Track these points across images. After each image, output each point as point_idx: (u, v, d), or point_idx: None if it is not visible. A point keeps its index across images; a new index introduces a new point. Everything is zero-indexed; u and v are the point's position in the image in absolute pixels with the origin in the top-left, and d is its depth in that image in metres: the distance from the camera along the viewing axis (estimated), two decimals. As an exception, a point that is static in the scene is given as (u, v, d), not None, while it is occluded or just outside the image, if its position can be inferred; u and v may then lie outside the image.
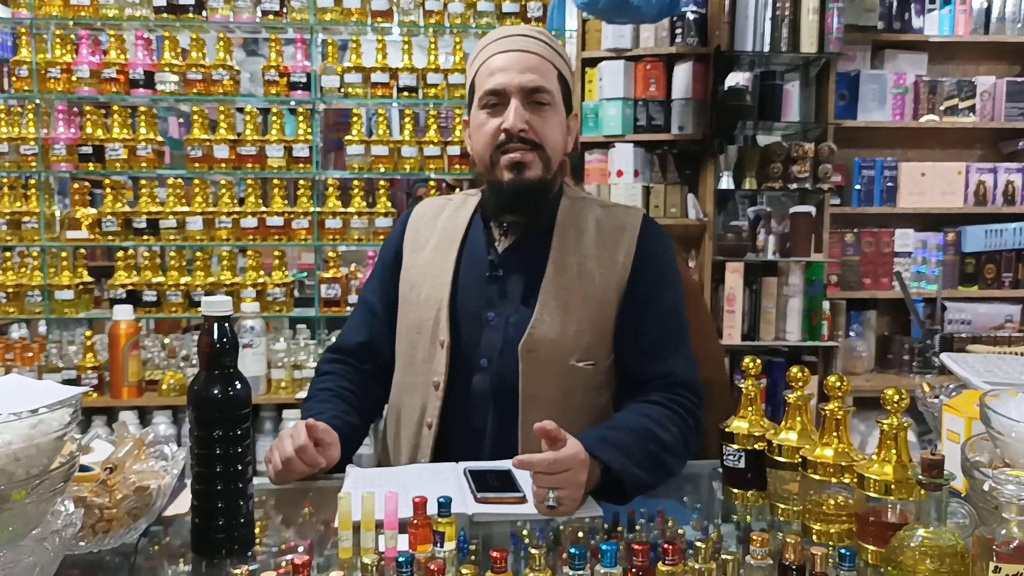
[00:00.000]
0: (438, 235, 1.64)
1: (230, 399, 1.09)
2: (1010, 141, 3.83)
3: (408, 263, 1.64)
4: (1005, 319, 3.75)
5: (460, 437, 1.53)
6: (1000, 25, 3.73)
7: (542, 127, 1.51)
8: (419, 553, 1.04)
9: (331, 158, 4.17)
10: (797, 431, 1.24)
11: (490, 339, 1.54)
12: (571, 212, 1.60)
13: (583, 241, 1.56)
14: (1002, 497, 0.86)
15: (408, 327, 1.61)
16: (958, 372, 1.48)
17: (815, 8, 3.30)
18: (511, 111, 1.48)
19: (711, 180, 3.43)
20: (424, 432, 1.55)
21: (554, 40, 1.58)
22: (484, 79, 1.52)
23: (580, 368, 1.51)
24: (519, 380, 1.49)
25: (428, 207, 1.71)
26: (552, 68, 1.53)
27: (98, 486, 1.07)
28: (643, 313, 1.53)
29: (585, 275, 1.54)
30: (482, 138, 1.53)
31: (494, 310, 1.55)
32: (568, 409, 1.47)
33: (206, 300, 1.10)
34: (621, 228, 1.58)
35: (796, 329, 3.45)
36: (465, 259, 1.59)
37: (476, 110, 1.55)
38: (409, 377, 1.60)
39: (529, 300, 1.53)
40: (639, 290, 1.54)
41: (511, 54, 1.51)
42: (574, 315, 1.51)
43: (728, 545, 1.17)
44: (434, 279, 1.58)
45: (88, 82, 3.17)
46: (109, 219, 3.19)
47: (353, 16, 3.25)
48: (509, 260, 1.57)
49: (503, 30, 1.58)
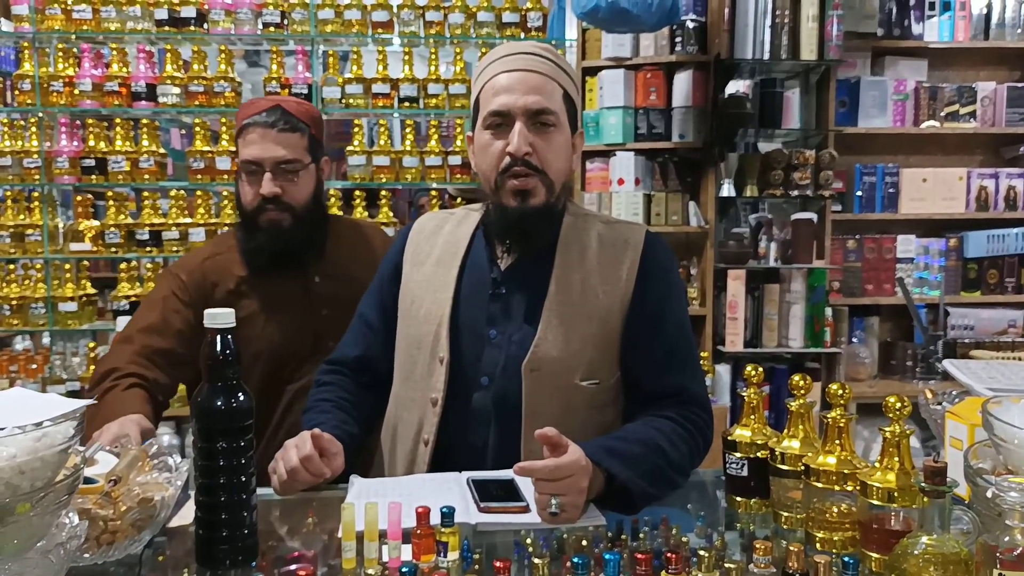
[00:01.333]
0: (439, 250, 1.62)
1: (233, 411, 1.09)
2: (1011, 146, 3.83)
3: (408, 277, 1.63)
4: (1008, 324, 3.74)
5: (458, 454, 1.50)
6: (1000, 31, 3.74)
7: (546, 151, 1.49)
8: (422, 563, 1.04)
9: (333, 168, 4.18)
10: (800, 439, 1.24)
11: (492, 357, 1.52)
12: (574, 229, 1.59)
13: (586, 258, 1.55)
14: (1005, 504, 0.86)
15: (407, 342, 1.59)
16: (961, 379, 1.48)
17: (815, 15, 3.31)
18: (515, 134, 1.47)
19: (712, 188, 3.43)
20: (421, 448, 1.53)
21: (560, 57, 1.56)
22: (488, 98, 1.50)
23: (584, 387, 1.50)
24: (522, 399, 1.48)
25: (429, 221, 1.70)
26: (557, 87, 1.52)
27: (102, 498, 1.07)
28: (653, 328, 1.52)
29: (588, 292, 1.52)
30: (487, 159, 1.52)
31: (496, 328, 1.53)
32: (571, 428, 1.45)
33: (209, 312, 1.10)
34: (624, 244, 1.57)
35: (799, 336, 3.44)
36: (467, 275, 1.58)
37: (480, 129, 1.53)
38: (407, 392, 1.58)
39: (532, 318, 1.51)
40: (646, 305, 1.53)
41: (516, 74, 1.49)
42: (578, 333, 1.50)
43: (732, 553, 1.17)
44: (434, 294, 1.57)
45: (90, 95, 3.19)
46: (112, 231, 3.20)
47: (354, 27, 3.26)
48: (512, 278, 1.56)
49: (508, 47, 1.56)
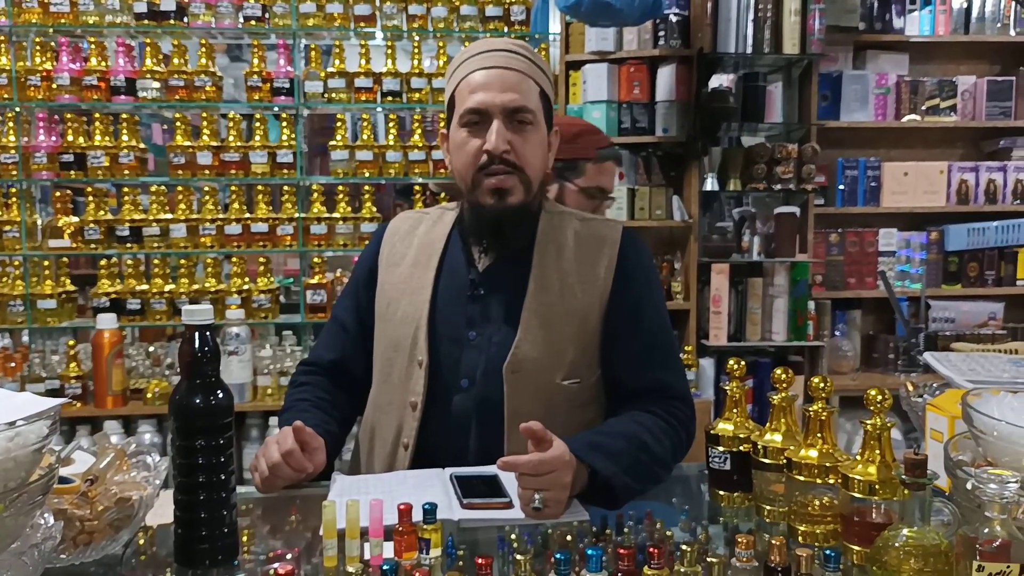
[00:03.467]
0: (415, 251, 1.60)
1: (212, 408, 1.08)
2: (991, 140, 3.86)
3: (384, 279, 1.61)
4: (988, 316, 3.77)
5: (438, 458, 1.49)
6: (980, 25, 3.76)
7: (524, 148, 1.48)
8: (405, 560, 1.04)
9: (316, 163, 4.16)
10: (782, 432, 1.24)
11: (471, 359, 1.51)
12: (551, 227, 1.58)
13: (563, 257, 1.54)
14: (984, 496, 0.86)
15: (385, 345, 1.58)
16: (941, 371, 1.49)
17: (797, 9, 3.32)
18: (493, 132, 1.45)
19: (696, 182, 3.44)
20: (400, 452, 1.52)
21: (536, 55, 1.54)
22: (464, 96, 1.48)
23: (565, 386, 1.50)
24: (504, 401, 1.47)
25: (403, 221, 1.68)
26: (534, 85, 1.50)
27: (78, 498, 1.06)
28: (632, 325, 1.52)
29: (567, 291, 1.52)
30: (463, 158, 1.50)
31: (475, 330, 1.52)
32: (554, 427, 1.45)
33: (187, 309, 1.09)
34: (601, 241, 1.56)
35: (782, 329, 3.46)
36: (444, 277, 1.56)
37: (456, 127, 1.51)
38: (385, 396, 1.57)
39: (512, 319, 1.50)
40: (624, 302, 1.53)
41: (492, 71, 1.47)
42: (557, 333, 1.50)
43: (716, 547, 1.17)
44: (411, 296, 1.56)
45: (69, 89, 3.15)
46: (92, 227, 3.17)
47: (336, 21, 3.24)
48: (490, 279, 1.55)
49: (483, 43, 1.54)
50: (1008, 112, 3.77)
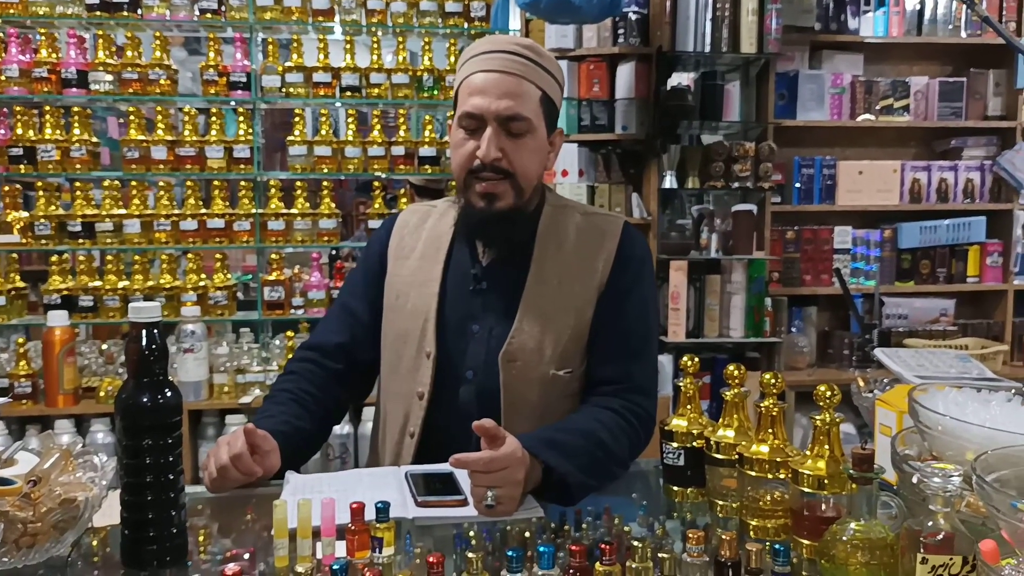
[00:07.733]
0: (423, 244, 1.63)
1: (159, 407, 1.06)
2: (943, 140, 3.94)
3: (393, 271, 1.64)
4: (940, 313, 3.85)
5: (444, 447, 1.47)
6: (932, 27, 3.83)
7: (516, 155, 1.49)
8: (357, 560, 1.03)
9: (274, 159, 4.11)
10: (734, 428, 1.26)
11: (475, 351, 1.54)
12: (552, 220, 1.60)
13: (563, 249, 1.57)
14: (928, 490, 0.88)
15: (393, 336, 1.60)
16: (891, 367, 1.52)
17: (754, 9, 3.35)
18: (485, 140, 1.47)
19: (655, 179, 3.46)
20: (407, 441, 1.55)
21: (542, 55, 1.54)
22: (464, 97, 1.50)
23: (560, 376, 1.53)
24: (501, 390, 1.50)
25: (412, 215, 1.70)
26: (534, 89, 1.50)
27: (21, 500, 1.03)
28: (613, 313, 1.55)
29: (565, 284, 1.55)
30: (458, 158, 1.53)
31: (478, 322, 1.55)
32: (550, 417, 1.48)
33: (133, 306, 1.07)
34: (601, 235, 1.59)
35: (739, 326, 3.49)
36: (451, 270, 1.60)
37: (456, 125, 1.54)
38: (393, 386, 1.60)
39: (511, 311, 1.53)
40: (613, 291, 1.55)
41: (491, 75, 1.48)
42: (553, 324, 1.52)
43: (672, 542, 1.18)
44: (420, 288, 1.58)
45: (18, 81, 3.07)
46: (42, 222, 3.10)
47: (294, 15, 3.20)
48: (492, 273, 1.58)
49: (489, 42, 1.55)
50: (959, 112, 3.85)
